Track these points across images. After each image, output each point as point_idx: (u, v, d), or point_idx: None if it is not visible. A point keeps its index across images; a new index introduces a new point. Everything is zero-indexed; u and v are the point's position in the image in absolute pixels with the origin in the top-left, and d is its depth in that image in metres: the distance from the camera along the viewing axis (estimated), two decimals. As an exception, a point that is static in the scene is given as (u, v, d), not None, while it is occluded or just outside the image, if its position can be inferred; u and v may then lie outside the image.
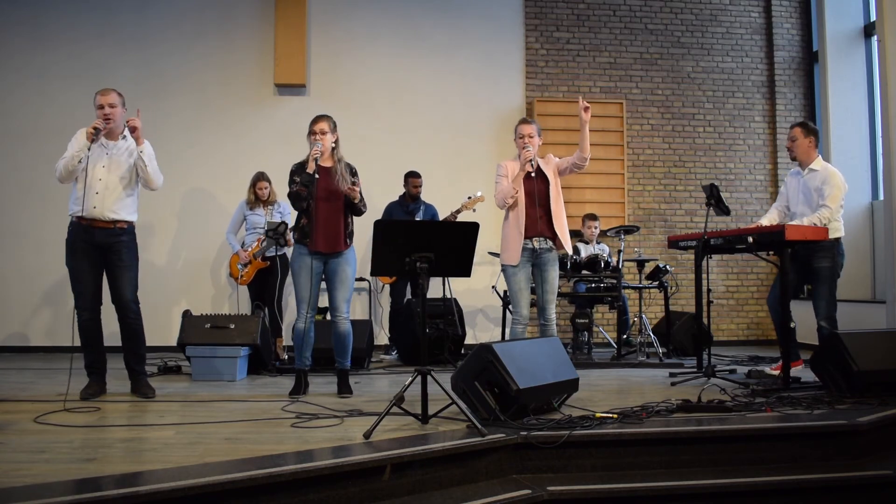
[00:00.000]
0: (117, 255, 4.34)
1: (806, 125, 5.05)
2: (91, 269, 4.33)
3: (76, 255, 4.31)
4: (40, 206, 7.19)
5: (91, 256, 4.32)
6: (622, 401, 4.08)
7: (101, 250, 4.33)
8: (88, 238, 4.30)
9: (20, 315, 7.23)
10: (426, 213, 6.82)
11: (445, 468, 3.02)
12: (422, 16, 7.90)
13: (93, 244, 4.31)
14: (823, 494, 3.26)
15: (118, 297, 4.38)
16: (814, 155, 4.98)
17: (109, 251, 4.33)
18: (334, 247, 4.44)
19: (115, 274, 4.36)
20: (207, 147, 7.49)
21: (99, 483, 2.47)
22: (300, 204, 4.41)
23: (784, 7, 8.40)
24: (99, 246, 4.32)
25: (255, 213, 6.41)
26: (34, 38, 7.40)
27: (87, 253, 4.31)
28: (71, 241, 4.34)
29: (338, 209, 4.46)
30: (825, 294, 4.77)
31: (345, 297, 4.50)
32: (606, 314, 7.91)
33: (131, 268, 4.40)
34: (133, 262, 4.42)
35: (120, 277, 4.35)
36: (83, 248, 4.30)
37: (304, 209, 4.43)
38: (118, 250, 4.33)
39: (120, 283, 4.35)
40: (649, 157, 8.18)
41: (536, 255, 4.57)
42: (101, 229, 4.30)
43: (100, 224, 4.29)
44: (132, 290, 4.40)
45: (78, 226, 4.32)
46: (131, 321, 4.42)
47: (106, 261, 4.36)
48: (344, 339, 4.52)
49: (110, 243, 4.32)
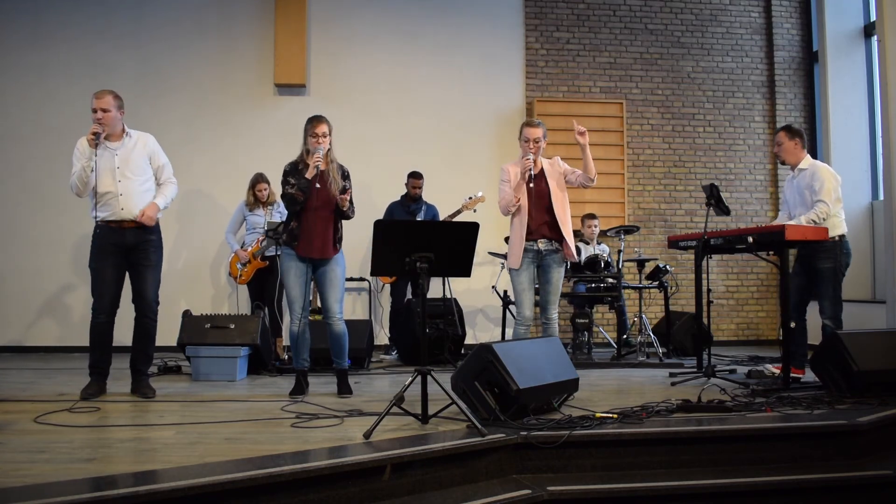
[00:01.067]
0: (144, 254, 4.36)
1: (789, 128, 5.08)
2: (115, 271, 4.35)
3: (104, 258, 4.31)
4: (40, 207, 7.20)
5: (117, 259, 4.34)
6: (622, 401, 4.08)
7: (129, 251, 4.35)
8: (119, 240, 4.31)
9: (20, 315, 7.22)
10: (427, 213, 6.82)
11: (445, 468, 3.01)
12: (422, 16, 7.90)
13: (122, 246, 4.32)
14: (823, 494, 3.26)
15: (140, 297, 4.40)
16: (801, 155, 5.00)
17: (136, 250, 4.35)
18: (323, 253, 4.41)
19: (140, 273, 4.38)
20: (207, 147, 7.49)
21: (99, 483, 2.47)
22: (294, 207, 4.40)
23: (784, 7, 8.40)
24: (128, 247, 4.34)
25: (255, 214, 6.42)
26: (34, 37, 7.40)
27: (115, 255, 4.32)
28: (98, 244, 4.33)
29: (329, 214, 4.43)
30: (829, 294, 4.77)
31: (336, 299, 4.48)
32: (606, 314, 7.91)
33: (156, 267, 4.44)
34: (158, 262, 4.45)
35: (145, 277, 4.38)
36: (112, 250, 4.31)
37: (296, 213, 4.42)
38: (145, 249, 4.37)
39: (144, 283, 4.38)
40: (649, 157, 8.18)
41: (541, 256, 4.55)
42: (131, 230, 4.32)
43: (129, 224, 4.31)
44: (155, 290, 4.44)
45: (106, 228, 4.31)
46: (148, 322, 4.44)
47: (131, 261, 4.37)
48: (340, 339, 4.51)
49: (139, 242, 4.35)
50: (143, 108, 6.98)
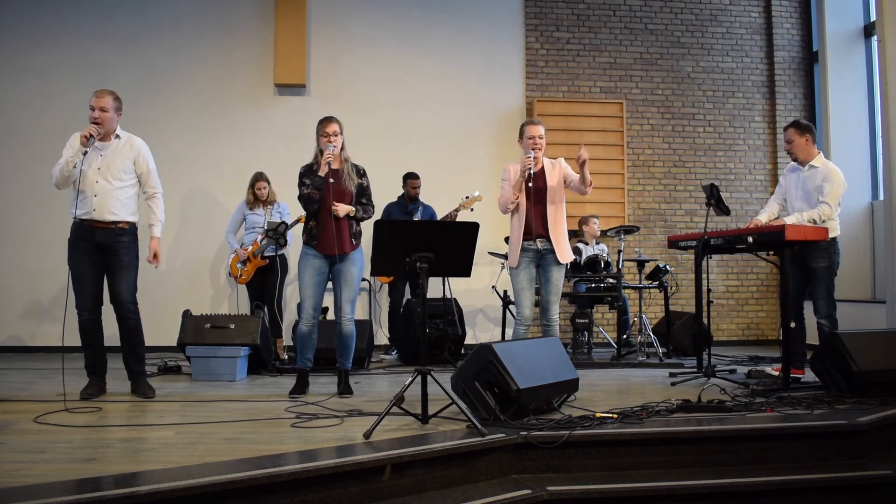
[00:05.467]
0: (116, 256, 4.35)
1: (798, 124, 5.01)
2: (91, 269, 4.35)
3: (77, 255, 4.33)
4: (40, 207, 7.19)
5: (92, 256, 4.34)
6: (622, 401, 4.07)
7: (102, 250, 4.34)
8: (90, 238, 4.32)
9: (20, 315, 7.23)
10: (425, 213, 6.83)
11: (445, 468, 3.01)
12: (422, 16, 7.90)
13: (94, 244, 4.33)
14: (823, 494, 3.25)
15: (116, 298, 4.38)
16: (814, 151, 4.94)
17: (109, 251, 4.35)
18: (341, 248, 4.44)
19: (114, 274, 4.37)
20: (207, 147, 7.49)
21: (99, 483, 2.47)
22: (311, 207, 4.43)
23: (784, 7, 8.40)
24: (100, 246, 4.33)
25: (255, 213, 6.42)
26: (34, 39, 7.40)
27: (89, 253, 4.33)
28: (73, 242, 4.36)
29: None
30: (823, 293, 4.78)
31: (349, 298, 4.50)
32: (606, 314, 7.91)
33: (130, 268, 4.40)
34: (132, 263, 4.42)
35: (118, 277, 4.36)
36: (85, 248, 4.32)
37: (314, 212, 4.44)
38: (117, 250, 4.35)
39: (118, 284, 4.36)
40: (649, 157, 8.18)
41: (540, 255, 4.55)
42: (101, 229, 4.32)
43: (100, 225, 4.31)
44: (130, 290, 4.40)
45: (80, 226, 4.34)
46: (129, 322, 4.42)
47: (107, 261, 4.37)
48: (347, 339, 4.53)
49: (110, 243, 4.33)
50: (144, 109, 6.99)
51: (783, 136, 5.14)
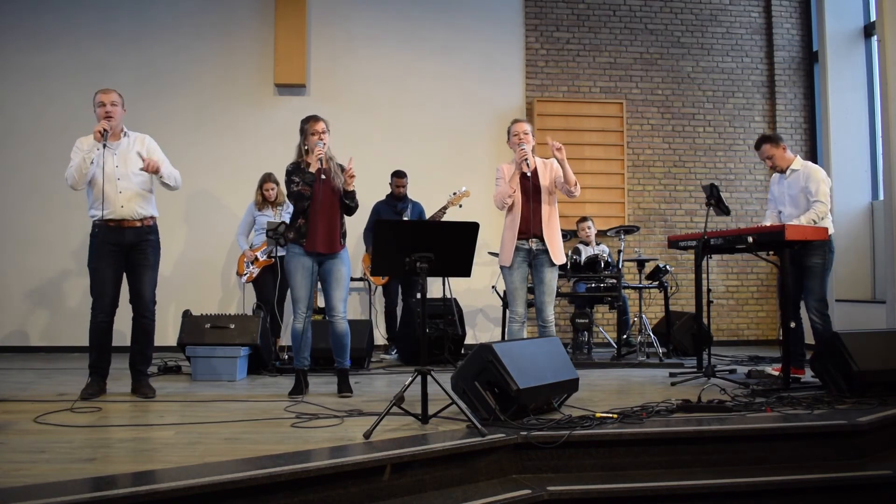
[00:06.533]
0: (143, 254, 4.37)
1: (769, 138, 5.12)
2: (114, 271, 4.35)
3: (101, 258, 4.31)
4: (40, 207, 7.20)
5: (116, 258, 4.34)
6: (622, 401, 4.08)
7: (127, 250, 4.35)
8: (118, 239, 4.32)
9: (20, 315, 7.23)
10: (413, 211, 6.86)
11: (445, 468, 3.01)
12: (422, 16, 7.90)
13: (121, 245, 4.33)
14: (823, 494, 3.26)
15: (138, 297, 4.40)
16: (790, 156, 5.07)
17: (135, 250, 4.36)
18: (331, 247, 4.45)
19: (138, 273, 4.39)
20: (207, 147, 7.49)
21: (99, 483, 2.47)
22: (302, 204, 4.42)
23: (784, 7, 8.40)
24: (127, 246, 4.34)
25: (264, 214, 6.44)
26: (34, 39, 7.40)
27: (114, 255, 4.33)
28: (96, 244, 4.33)
29: (334, 209, 4.48)
30: (817, 290, 4.80)
31: (341, 297, 4.50)
32: (606, 314, 7.91)
33: (154, 267, 4.45)
34: (156, 262, 4.47)
35: (143, 277, 4.39)
36: (111, 250, 4.32)
37: (304, 209, 4.44)
38: (144, 249, 4.38)
39: (142, 283, 4.39)
40: (649, 157, 8.18)
41: (533, 255, 4.56)
42: (131, 229, 4.34)
43: (129, 224, 4.33)
44: (152, 289, 4.45)
45: (105, 227, 4.32)
46: (146, 322, 4.44)
47: (129, 260, 4.38)
48: (342, 338, 4.52)
49: (138, 242, 4.36)
50: (144, 109, 6.98)
51: (758, 154, 5.19)
